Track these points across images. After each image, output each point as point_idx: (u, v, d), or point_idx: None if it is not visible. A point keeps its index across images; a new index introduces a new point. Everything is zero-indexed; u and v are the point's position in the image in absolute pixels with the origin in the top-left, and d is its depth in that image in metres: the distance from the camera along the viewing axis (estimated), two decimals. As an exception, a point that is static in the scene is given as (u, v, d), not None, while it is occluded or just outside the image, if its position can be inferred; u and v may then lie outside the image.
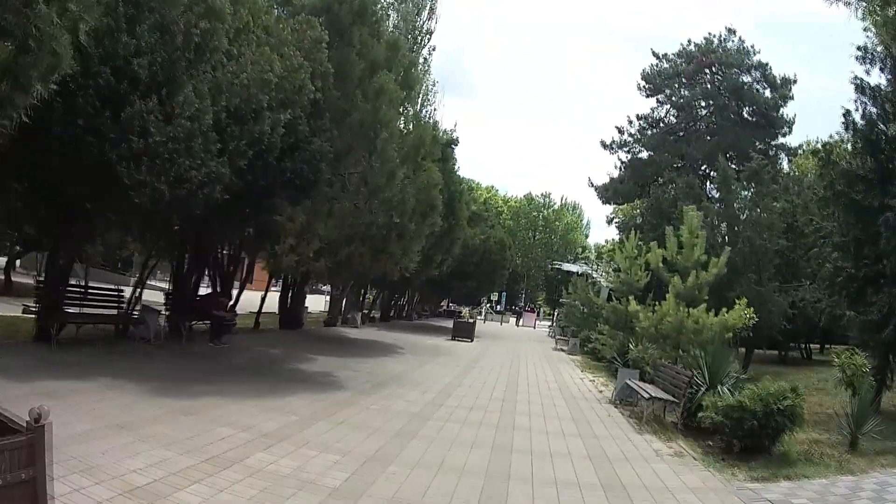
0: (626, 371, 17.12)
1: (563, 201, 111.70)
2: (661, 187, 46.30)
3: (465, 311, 36.29)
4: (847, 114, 18.24)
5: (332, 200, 15.11)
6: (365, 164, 15.41)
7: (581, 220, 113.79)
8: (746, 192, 30.50)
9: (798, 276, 29.69)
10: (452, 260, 35.74)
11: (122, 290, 17.54)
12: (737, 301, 17.24)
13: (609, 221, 69.69)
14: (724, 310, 17.04)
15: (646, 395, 13.18)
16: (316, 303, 40.20)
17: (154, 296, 21.86)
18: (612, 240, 75.89)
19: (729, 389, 13.22)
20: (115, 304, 16.97)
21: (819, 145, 20.81)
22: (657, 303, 18.96)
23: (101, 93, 11.12)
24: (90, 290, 16.69)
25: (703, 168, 52.31)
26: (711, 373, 13.74)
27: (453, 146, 32.24)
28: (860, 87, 18.16)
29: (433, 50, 51.40)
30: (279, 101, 13.41)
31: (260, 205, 14.28)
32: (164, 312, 18.35)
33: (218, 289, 21.80)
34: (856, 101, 18.13)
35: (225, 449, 7.95)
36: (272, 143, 13.12)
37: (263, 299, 26.72)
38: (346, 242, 16.50)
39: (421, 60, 51.03)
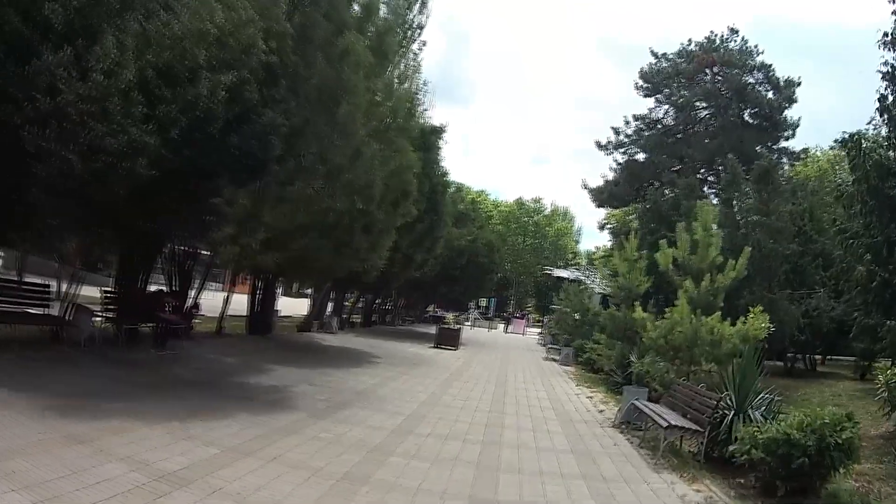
0: (632, 389, 14.72)
1: (554, 206, 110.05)
2: (660, 189, 44.46)
3: (450, 316, 33.55)
4: (882, 99, 16.36)
5: (284, 183, 12.62)
6: (325, 140, 12.95)
7: (572, 226, 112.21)
8: (756, 194, 28.42)
9: (806, 283, 27.94)
10: (435, 261, 33.18)
11: (48, 286, 15.13)
12: (750, 309, 15.00)
13: (601, 227, 67.89)
14: (742, 319, 14.78)
15: (663, 423, 10.71)
16: (300, 306, 37.80)
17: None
18: (605, 246, 74.33)
19: (762, 415, 10.99)
20: (40, 302, 14.61)
21: (847, 134, 18.65)
22: (666, 310, 16.79)
23: (6, 41, 8.92)
24: (3, 285, 14.30)
25: (701, 171, 50.49)
26: (740, 394, 11.48)
27: (438, 135, 29.71)
28: (890, 75, 16.28)
29: (424, 45, 49.14)
30: (221, 61, 11.01)
31: (199, 187, 11.84)
32: (100, 313, 16.01)
33: (175, 287, 19.43)
34: (886, 89, 16.39)
35: (100, 497, 5.69)
36: (212, 110, 10.73)
37: (227, 301, 24.46)
38: (301, 233, 13.78)
39: (411, 56, 49.09)
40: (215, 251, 12.81)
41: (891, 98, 16.24)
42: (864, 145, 17.02)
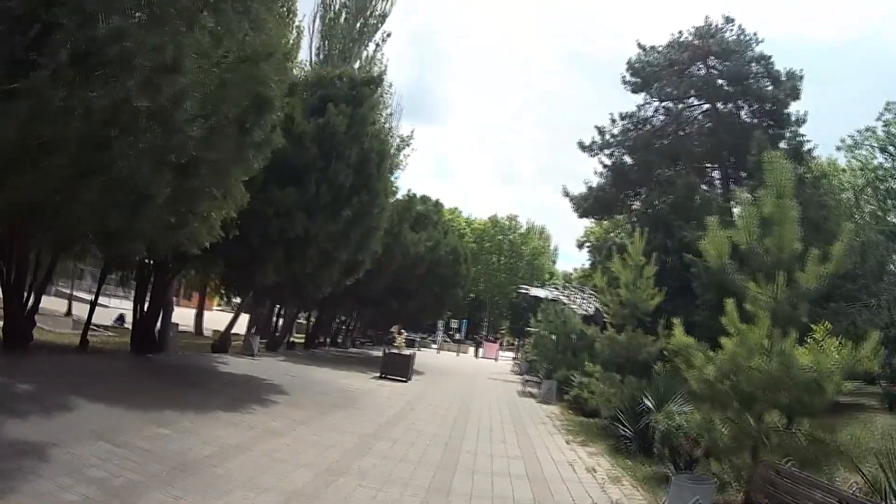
0: (685, 484, 7.85)
1: (530, 224, 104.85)
2: (654, 192, 38.78)
3: (399, 339, 26.40)
4: None
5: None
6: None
7: (548, 245, 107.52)
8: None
9: (832, 295, 22.89)
10: (371, 262, 25.92)
11: None
12: (816, 328, 8.85)
13: (580, 245, 62.15)
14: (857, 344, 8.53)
15: None
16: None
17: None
18: (583, 266, 68.59)
19: None
20: None
21: None
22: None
23: None
24: None
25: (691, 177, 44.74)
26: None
27: (374, 87, 22.17)
28: None
29: (387, 36, 43.71)
30: None
31: None
32: None
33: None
34: None
35: None
36: None
37: (93, 306, 18.86)
38: (39, 158, 6.66)
39: (372, 48, 43.62)
40: None
41: None
42: None
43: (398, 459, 10.59)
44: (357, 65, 41.08)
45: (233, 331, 26.01)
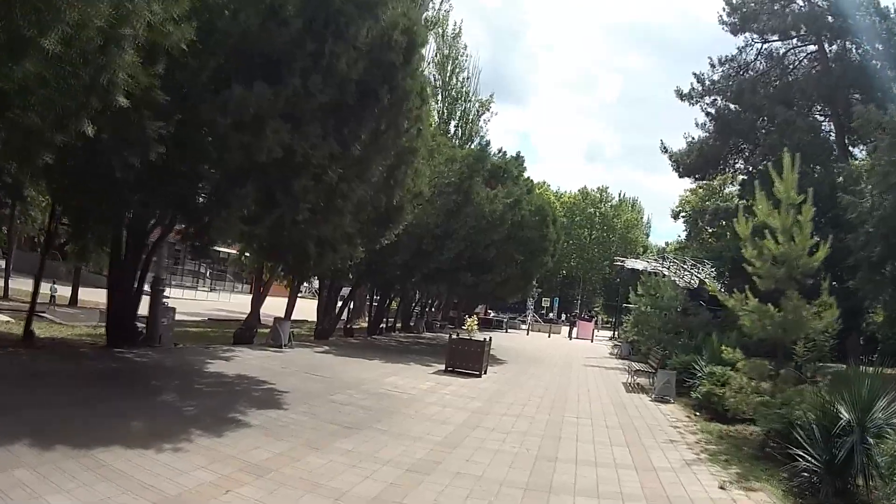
0: None
1: (622, 197, 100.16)
2: (773, 134, 33.34)
3: (469, 320, 20.30)
4: None
5: None
6: None
7: (641, 217, 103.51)
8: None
9: None
10: (436, 225, 20.05)
11: None
12: None
13: (675, 215, 57.49)
14: None
15: None
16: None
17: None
18: (679, 239, 63.70)
19: None
20: None
21: None
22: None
23: None
24: None
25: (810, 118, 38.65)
26: None
27: None
28: None
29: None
30: None
31: None
32: None
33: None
34: None
35: None
36: None
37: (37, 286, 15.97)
38: None
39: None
40: None
41: None
42: None
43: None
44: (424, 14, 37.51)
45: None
